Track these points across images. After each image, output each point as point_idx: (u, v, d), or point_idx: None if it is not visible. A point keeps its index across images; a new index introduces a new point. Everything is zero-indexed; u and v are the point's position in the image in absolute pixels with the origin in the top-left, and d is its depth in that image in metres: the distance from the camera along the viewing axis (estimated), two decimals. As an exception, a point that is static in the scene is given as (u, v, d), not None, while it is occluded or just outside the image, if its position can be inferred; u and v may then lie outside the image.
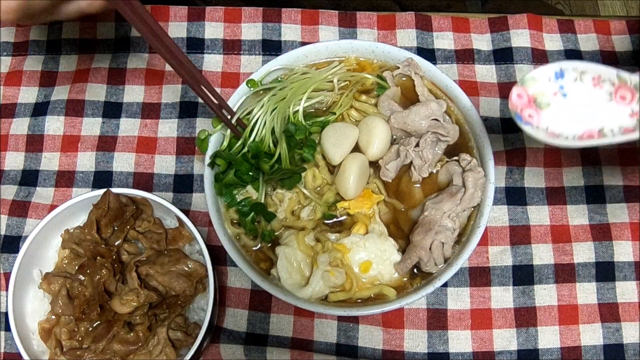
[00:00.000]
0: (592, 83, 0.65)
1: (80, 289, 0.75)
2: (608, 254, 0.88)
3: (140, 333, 0.74)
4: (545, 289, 0.86)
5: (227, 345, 0.83)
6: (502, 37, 1.00)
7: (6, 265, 0.87)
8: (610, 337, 0.85)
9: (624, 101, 0.63)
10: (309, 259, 0.76)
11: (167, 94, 0.97)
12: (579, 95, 0.65)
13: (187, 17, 1.02)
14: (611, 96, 0.64)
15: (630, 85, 0.63)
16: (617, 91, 0.64)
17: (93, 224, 0.78)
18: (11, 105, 0.97)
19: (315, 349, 0.84)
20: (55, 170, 0.93)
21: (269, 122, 0.80)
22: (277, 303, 0.86)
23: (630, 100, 0.63)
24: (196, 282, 0.78)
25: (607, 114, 0.64)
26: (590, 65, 0.65)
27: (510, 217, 0.90)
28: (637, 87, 0.63)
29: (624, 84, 0.63)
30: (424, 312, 0.86)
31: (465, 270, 0.87)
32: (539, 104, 0.66)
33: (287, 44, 1.00)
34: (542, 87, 0.66)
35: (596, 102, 0.64)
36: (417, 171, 0.80)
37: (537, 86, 0.66)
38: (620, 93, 0.64)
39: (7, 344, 0.85)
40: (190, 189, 0.92)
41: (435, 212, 0.76)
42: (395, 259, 0.77)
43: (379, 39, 1.00)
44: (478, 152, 0.82)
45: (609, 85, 0.64)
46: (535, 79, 0.66)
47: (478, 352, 0.84)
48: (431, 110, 0.80)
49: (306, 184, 0.81)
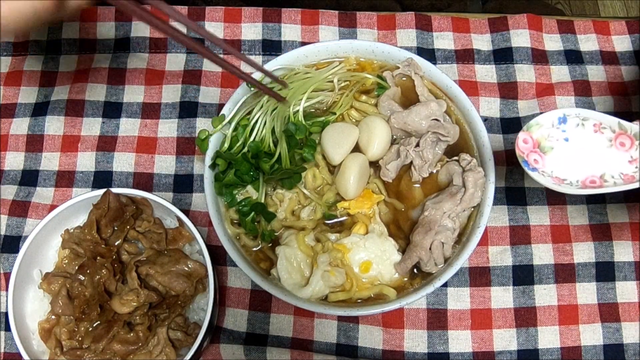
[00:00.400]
0: (593, 129, 0.68)
1: (80, 289, 0.75)
2: (608, 254, 0.88)
3: (140, 333, 0.74)
4: (545, 289, 0.86)
5: (227, 345, 0.83)
6: (502, 37, 1.00)
7: (6, 265, 0.87)
8: (610, 337, 0.85)
9: (624, 147, 0.67)
10: (309, 259, 0.76)
11: (167, 94, 0.97)
12: (581, 140, 0.68)
13: (187, 17, 1.01)
14: (611, 142, 0.67)
15: (630, 133, 0.66)
16: (617, 138, 0.67)
17: (93, 224, 0.78)
18: (11, 105, 0.97)
19: (315, 349, 0.84)
20: (55, 170, 0.93)
21: (269, 122, 0.80)
22: (277, 303, 0.86)
23: (630, 147, 0.66)
24: (196, 282, 0.78)
25: (607, 160, 0.67)
26: (593, 112, 0.68)
27: (510, 217, 0.90)
28: (636, 136, 0.66)
29: (624, 132, 0.67)
30: (424, 312, 0.86)
31: (465, 270, 0.87)
32: (542, 148, 0.68)
33: (287, 44, 1.00)
34: (546, 131, 0.68)
35: (597, 147, 0.68)
36: (417, 171, 0.80)
37: (542, 131, 0.69)
38: (620, 140, 0.67)
39: (7, 344, 0.85)
40: (190, 189, 0.92)
41: (435, 212, 0.76)
42: (395, 259, 0.77)
43: (379, 39, 1.00)
44: (478, 152, 0.82)
45: (609, 132, 0.67)
46: (540, 124, 0.69)
47: (478, 352, 0.84)
48: (431, 110, 0.80)
49: (306, 184, 0.81)
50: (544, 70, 0.98)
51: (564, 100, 0.96)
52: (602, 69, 0.99)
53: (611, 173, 0.66)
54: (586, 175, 0.67)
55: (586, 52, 1.00)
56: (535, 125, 0.68)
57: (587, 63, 0.99)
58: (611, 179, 0.66)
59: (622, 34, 1.01)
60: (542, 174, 0.67)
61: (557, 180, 0.66)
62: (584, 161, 0.67)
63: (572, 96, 0.96)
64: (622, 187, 0.64)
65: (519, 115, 0.95)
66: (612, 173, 0.66)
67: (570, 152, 0.68)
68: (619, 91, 0.97)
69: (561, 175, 0.67)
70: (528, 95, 0.96)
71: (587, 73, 0.98)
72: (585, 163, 0.67)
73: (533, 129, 0.68)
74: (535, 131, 0.68)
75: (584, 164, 0.67)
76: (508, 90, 0.97)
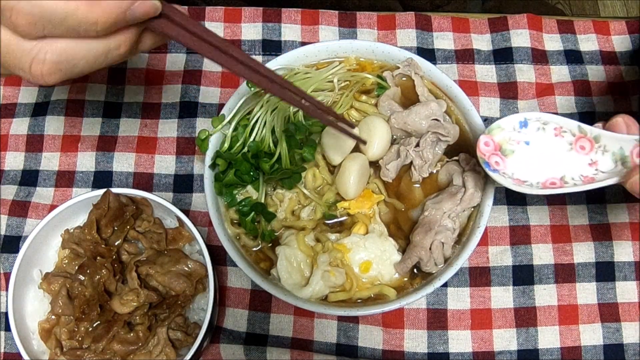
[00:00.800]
0: (554, 133, 0.69)
1: (80, 289, 0.75)
2: (608, 254, 0.88)
3: (140, 333, 0.74)
4: (545, 289, 0.86)
5: (227, 345, 0.83)
6: (502, 37, 1.00)
7: (6, 265, 0.87)
8: (610, 337, 0.85)
9: (583, 151, 0.67)
10: (309, 259, 0.76)
11: (167, 94, 0.97)
12: (541, 143, 0.69)
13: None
14: (571, 145, 0.68)
15: (590, 136, 0.67)
16: (577, 141, 0.68)
17: (93, 224, 0.78)
18: (11, 105, 0.97)
19: (315, 349, 0.84)
20: (55, 170, 0.93)
21: (269, 122, 0.80)
22: (277, 303, 0.86)
23: (589, 150, 0.67)
24: (196, 282, 0.78)
25: (568, 163, 0.68)
26: (553, 116, 0.69)
27: (510, 217, 0.90)
28: (597, 139, 0.66)
29: (584, 135, 0.67)
30: (424, 312, 0.86)
31: (465, 270, 0.87)
32: (504, 151, 0.70)
33: (287, 44, 1.00)
34: (507, 135, 0.70)
35: (557, 151, 0.69)
36: (417, 171, 0.80)
37: (503, 134, 0.70)
38: (580, 143, 0.68)
39: (7, 344, 0.85)
40: (190, 189, 0.92)
41: (435, 212, 0.76)
42: (395, 259, 0.77)
43: (379, 39, 1.00)
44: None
45: (569, 135, 0.68)
46: (501, 127, 0.70)
47: (478, 352, 0.84)
48: (431, 110, 0.80)
49: (306, 184, 0.81)
50: (544, 70, 0.98)
51: (563, 101, 0.96)
52: (602, 69, 0.99)
53: (571, 175, 0.67)
54: (546, 177, 0.68)
55: (586, 52, 1.00)
56: (497, 128, 0.70)
57: (587, 63, 0.99)
58: (571, 180, 0.67)
59: (622, 34, 1.01)
60: (503, 175, 0.68)
61: (517, 182, 0.68)
62: (544, 164, 0.69)
63: (572, 96, 0.96)
64: (582, 187, 0.65)
65: (519, 115, 0.95)
66: (572, 175, 0.67)
67: (531, 155, 0.69)
68: (619, 91, 0.97)
69: (522, 177, 0.68)
70: (528, 95, 0.96)
71: (587, 73, 0.98)
72: (545, 165, 0.69)
73: (494, 132, 0.70)
74: (497, 134, 0.70)
75: (545, 167, 0.69)
76: (508, 90, 0.97)
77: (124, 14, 0.48)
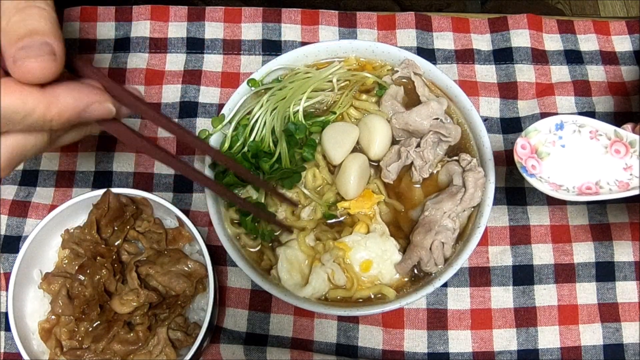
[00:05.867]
0: (589, 136, 0.69)
1: (80, 289, 0.75)
2: (608, 254, 0.88)
3: (140, 333, 0.74)
4: (545, 289, 0.86)
5: (227, 345, 0.83)
6: (502, 37, 1.00)
7: (6, 265, 0.87)
8: (610, 337, 0.85)
9: (618, 154, 0.68)
10: (309, 260, 0.76)
11: (167, 94, 0.97)
12: (577, 146, 0.69)
13: (187, 17, 1.02)
14: (607, 149, 0.68)
15: (626, 141, 0.67)
16: (612, 145, 0.68)
17: (93, 224, 0.78)
18: (11, 105, 0.97)
19: (315, 349, 0.84)
20: (55, 170, 0.93)
21: (269, 121, 0.80)
22: (277, 303, 0.86)
23: (625, 154, 0.67)
24: (196, 282, 0.78)
25: (603, 166, 0.68)
26: (590, 120, 0.69)
27: (510, 217, 0.90)
28: (633, 144, 0.67)
29: (620, 139, 0.67)
30: (424, 312, 0.86)
31: (465, 270, 0.87)
32: (539, 153, 0.69)
33: (287, 44, 1.00)
34: (543, 137, 0.69)
35: (592, 154, 0.68)
36: (417, 172, 0.80)
37: (539, 137, 0.70)
38: (615, 147, 0.68)
39: (7, 344, 0.85)
40: (190, 189, 0.92)
41: (436, 212, 0.76)
42: (396, 259, 0.77)
43: (379, 39, 1.00)
44: (478, 152, 0.82)
45: (605, 139, 0.68)
46: (538, 129, 0.70)
47: (478, 352, 0.84)
48: (432, 110, 0.80)
49: (306, 183, 0.81)
50: (544, 70, 0.98)
51: (564, 101, 0.96)
52: (602, 69, 0.99)
53: (607, 179, 0.67)
54: (582, 182, 0.68)
55: (586, 52, 1.00)
56: (533, 131, 0.69)
57: (587, 63, 0.99)
58: (607, 185, 0.67)
59: (622, 34, 1.01)
60: (540, 179, 0.68)
61: (554, 186, 0.67)
62: (580, 167, 0.69)
63: (572, 96, 0.96)
64: (617, 194, 0.65)
65: (519, 115, 0.95)
66: (608, 179, 0.67)
67: (567, 158, 0.69)
68: (619, 91, 0.97)
69: (558, 181, 0.68)
70: (528, 95, 0.96)
71: (587, 73, 0.98)
72: (581, 169, 0.68)
73: (531, 134, 0.69)
74: (533, 137, 0.69)
75: (580, 170, 0.68)
76: (508, 90, 0.97)
77: (79, 115, 0.50)
